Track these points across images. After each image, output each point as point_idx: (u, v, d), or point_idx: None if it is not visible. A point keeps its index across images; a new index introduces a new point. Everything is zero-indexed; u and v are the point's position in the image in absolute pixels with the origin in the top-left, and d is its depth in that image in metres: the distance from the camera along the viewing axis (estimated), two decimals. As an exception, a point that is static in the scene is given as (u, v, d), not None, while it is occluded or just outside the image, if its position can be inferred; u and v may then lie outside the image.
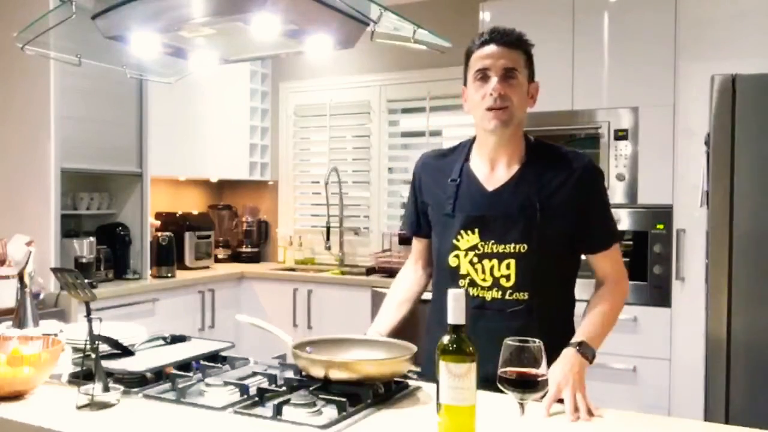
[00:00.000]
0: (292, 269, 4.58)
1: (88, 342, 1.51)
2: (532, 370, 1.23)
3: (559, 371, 1.51)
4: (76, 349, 1.73)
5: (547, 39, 3.43)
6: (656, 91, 3.20)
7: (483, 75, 1.70)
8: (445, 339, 1.25)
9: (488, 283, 1.69)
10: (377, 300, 3.88)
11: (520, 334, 1.54)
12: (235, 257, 4.86)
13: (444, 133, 4.54)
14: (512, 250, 1.67)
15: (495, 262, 1.68)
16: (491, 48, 1.69)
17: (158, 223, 4.30)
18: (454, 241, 1.73)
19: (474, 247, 1.70)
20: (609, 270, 1.73)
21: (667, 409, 3.11)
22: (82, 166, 3.56)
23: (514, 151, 1.75)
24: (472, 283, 1.70)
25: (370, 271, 4.14)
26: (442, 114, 4.46)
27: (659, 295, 3.17)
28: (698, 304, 2.83)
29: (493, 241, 1.68)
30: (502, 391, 1.26)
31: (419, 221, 1.89)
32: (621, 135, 3.27)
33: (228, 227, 4.97)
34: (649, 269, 3.19)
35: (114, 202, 3.95)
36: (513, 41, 1.70)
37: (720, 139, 2.51)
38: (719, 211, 2.51)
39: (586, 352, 1.60)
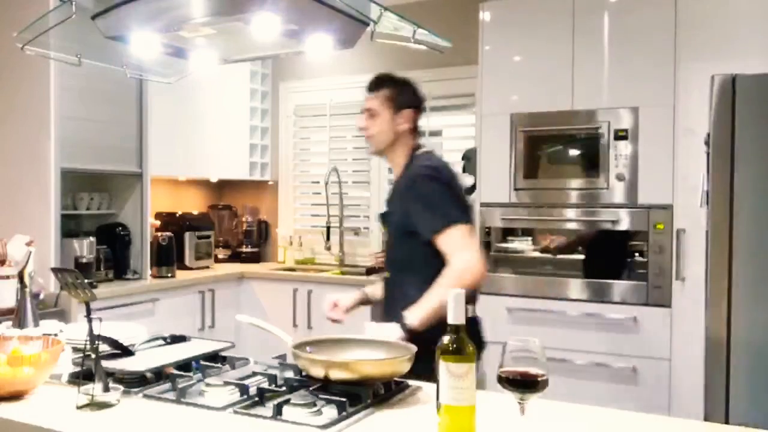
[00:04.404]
0: (292, 269, 4.58)
1: (88, 342, 1.51)
2: (532, 370, 1.23)
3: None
4: (76, 349, 1.73)
5: (547, 39, 3.44)
6: (656, 91, 3.20)
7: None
8: (445, 339, 1.25)
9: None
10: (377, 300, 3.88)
11: (385, 303, 2.25)
12: (235, 257, 4.86)
13: (444, 133, 4.54)
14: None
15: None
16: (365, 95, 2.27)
17: (158, 223, 4.30)
18: None
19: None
20: (445, 250, 2.01)
21: (667, 409, 3.11)
22: (82, 166, 3.56)
23: (396, 165, 2.25)
24: None
25: (370, 271, 4.14)
26: (442, 114, 4.46)
27: (659, 295, 3.17)
28: (698, 304, 2.83)
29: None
30: None
31: None
32: (621, 135, 3.27)
33: (228, 227, 4.97)
34: (649, 269, 3.19)
35: (114, 202, 3.95)
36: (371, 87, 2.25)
37: (720, 139, 2.51)
38: (719, 211, 2.50)
39: (403, 321, 1.93)
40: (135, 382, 1.60)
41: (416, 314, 1.91)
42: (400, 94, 2.21)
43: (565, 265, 3.40)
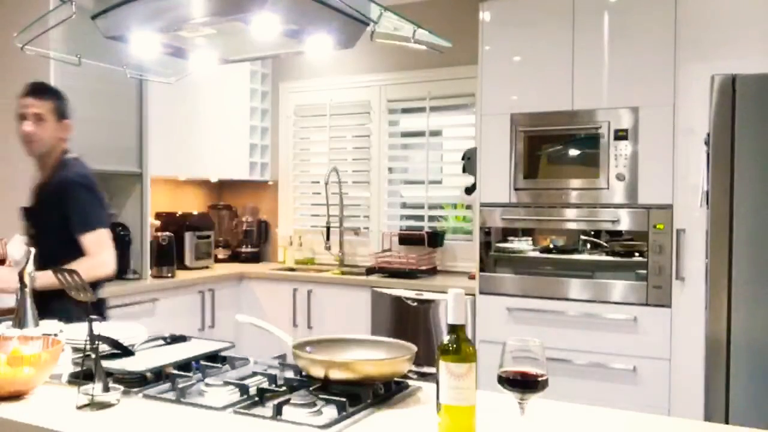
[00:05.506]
0: (292, 269, 4.58)
1: (88, 342, 1.51)
2: (532, 370, 1.23)
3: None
4: (76, 349, 1.73)
5: (547, 39, 3.44)
6: (656, 91, 3.20)
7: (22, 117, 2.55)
8: (446, 339, 1.25)
9: None
10: (377, 300, 3.89)
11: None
12: (235, 257, 4.86)
13: (444, 133, 4.54)
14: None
15: None
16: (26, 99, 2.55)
17: (158, 223, 4.30)
18: None
19: None
20: (87, 247, 2.42)
21: (667, 409, 3.11)
22: (82, 166, 3.56)
23: (45, 167, 2.59)
24: None
25: (370, 271, 4.14)
26: (442, 114, 4.46)
27: (659, 295, 3.17)
28: (698, 304, 2.83)
29: None
30: None
31: None
32: (621, 135, 3.27)
33: (228, 227, 4.97)
34: (649, 269, 3.19)
35: (114, 202, 3.94)
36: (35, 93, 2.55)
37: (720, 139, 2.51)
38: (719, 211, 2.51)
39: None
40: (135, 382, 1.60)
41: (42, 278, 2.17)
42: (62, 105, 2.57)
43: (565, 265, 3.41)
